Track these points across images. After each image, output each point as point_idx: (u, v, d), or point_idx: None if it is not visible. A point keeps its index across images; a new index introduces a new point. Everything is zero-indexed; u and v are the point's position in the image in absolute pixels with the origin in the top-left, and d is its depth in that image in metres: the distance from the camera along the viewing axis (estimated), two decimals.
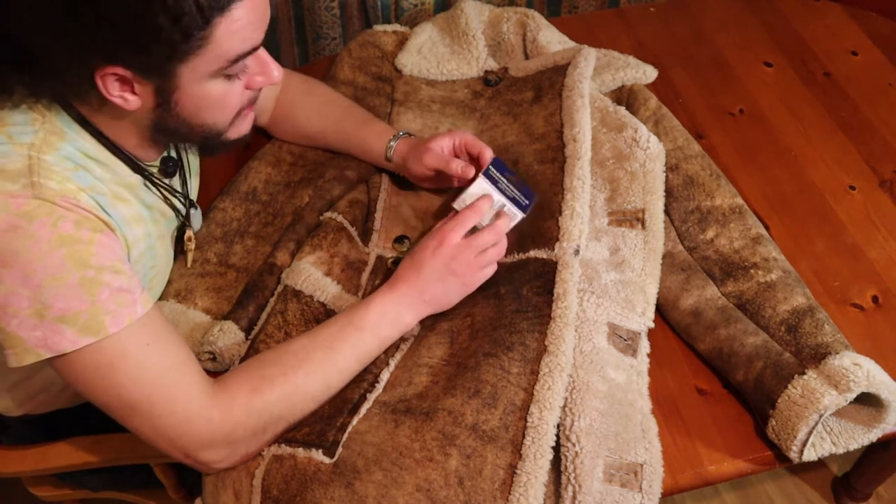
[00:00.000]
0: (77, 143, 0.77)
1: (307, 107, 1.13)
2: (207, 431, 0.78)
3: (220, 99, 0.78)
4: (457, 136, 1.03)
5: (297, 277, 0.95)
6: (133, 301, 0.74)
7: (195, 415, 0.77)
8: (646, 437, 0.85)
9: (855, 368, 0.83)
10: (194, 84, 0.74)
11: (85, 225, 0.72)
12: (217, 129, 0.81)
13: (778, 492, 1.58)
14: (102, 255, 0.73)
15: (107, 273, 0.72)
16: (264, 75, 0.80)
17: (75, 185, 0.74)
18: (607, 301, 0.94)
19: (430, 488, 0.79)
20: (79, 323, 0.70)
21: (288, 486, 0.81)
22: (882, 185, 1.15)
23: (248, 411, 0.79)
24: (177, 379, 0.77)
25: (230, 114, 0.81)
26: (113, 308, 0.72)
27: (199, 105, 0.77)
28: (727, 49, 1.36)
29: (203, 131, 0.81)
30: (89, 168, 0.78)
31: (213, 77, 0.75)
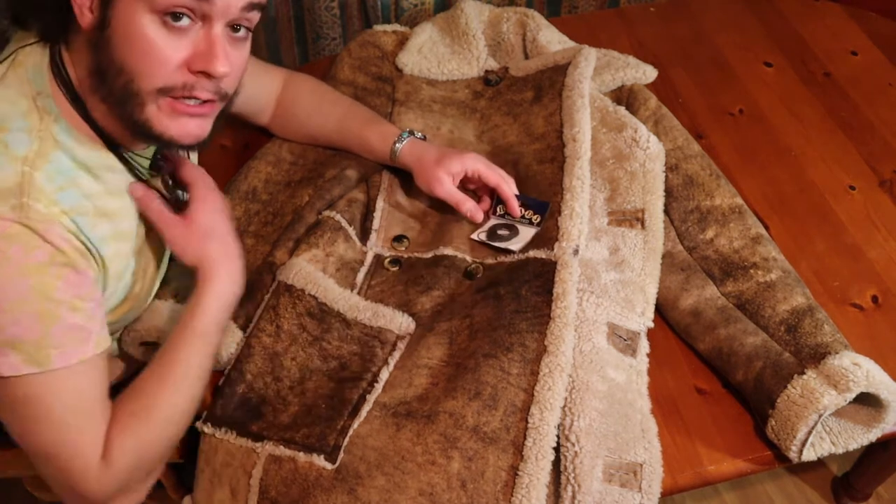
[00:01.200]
0: (71, 152, 0.77)
1: (309, 105, 1.13)
2: (99, 487, 0.78)
3: (148, 45, 0.72)
4: (469, 164, 1.01)
5: (289, 272, 0.95)
6: (86, 339, 0.75)
7: (92, 471, 0.77)
8: (645, 437, 0.85)
9: (854, 368, 0.83)
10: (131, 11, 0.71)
11: (57, 260, 0.73)
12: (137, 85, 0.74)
13: (778, 492, 1.58)
14: (65, 290, 0.73)
15: (64, 309, 0.73)
16: (208, 58, 0.74)
17: (60, 207, 0.74)
18: (607, 301, 0.94)
19: (432, 492, 0.79)
20: (25, 351, 0.71)
21: (288, 491, 0.81)
22: (882, 185, 1.15)
23: (127, 453, 0.78)
24: (92, 429, 0.77)
25: (154, 74, 0.73)
26: (62, 343, 0.73)
27: (127, 37, 0.72)
28: (727, 49, 1.36)
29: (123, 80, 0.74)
30: (79, 182, 0.77)
31: (150, 13, 0.71)
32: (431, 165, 1.02)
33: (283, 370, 0.90)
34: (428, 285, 0.97)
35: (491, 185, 1.02)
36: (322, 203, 1.06)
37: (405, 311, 0.94)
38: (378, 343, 0.92)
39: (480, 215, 1.02)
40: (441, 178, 1.01)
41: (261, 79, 1.11)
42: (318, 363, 0.91)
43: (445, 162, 1.01)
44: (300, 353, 0.91)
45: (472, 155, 1.02)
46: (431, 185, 1.02)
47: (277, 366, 0.90)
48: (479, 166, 1.01)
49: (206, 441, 0.87)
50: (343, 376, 0.90)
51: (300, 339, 0.92)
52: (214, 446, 0.86)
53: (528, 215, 1.01)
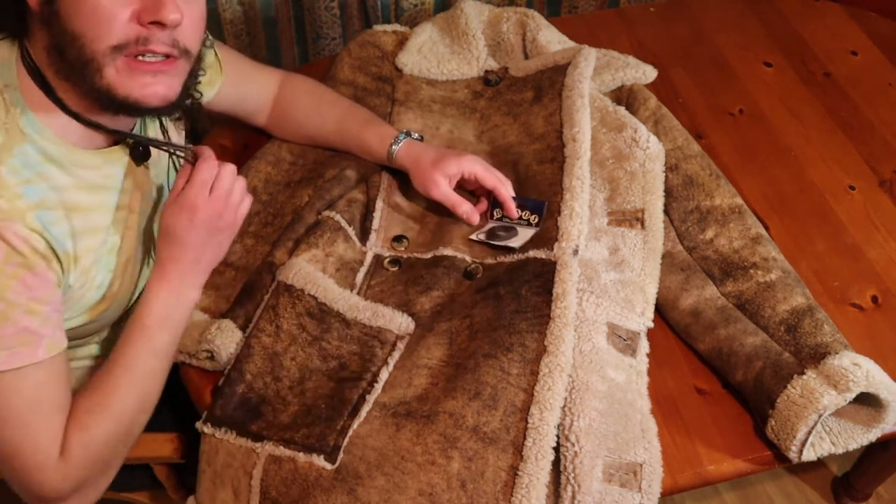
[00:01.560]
0: (38, 145, 0.77)
1: (307, 106, 1.13)
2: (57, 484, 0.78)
3: (96, 4, 0.72)
4: (466, 166, 1.01)
5: (289, 272, 0.95)
6: (37, 343, 0.74)
7: (50, 467, 0.77)
8: (645, 437, 0.85)
9: (854, 368, 0.83)
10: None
11: (13, 260, 0.73)
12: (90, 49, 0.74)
13: (778, 492, 1.58)
14: (20, 292, 0.73)
15: (17, 311, 0.73)
16: (157, 9, 0.73)
17: (25, 202, 0.74)
18: (607, 301, 0.94)
19: (432, 492, 0.79)
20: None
21: (288, 491, 0.81)
22: (882, 185, 1.15)
23: (89, 450, 0.79)
24: (48, 429, 0.77)
25: (105, 34, 0.73)
26: (11, 345, 0.73)
27: (74, 6, 0.72)
28: (727, 49, 1.36)
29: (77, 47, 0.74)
30: (47, 174, 0.77)
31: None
32: (428, 167, 1.02)
33: (283, 370, 0.90)
34: (427, 285, 0.97)
35: (488, 187, 1.02)
36: (322, 203, 1.06)
37: (405, 311, 0.94)
38: (378, 343, 0.92)
39: (476, 218, 1.02)
40: (437, 180, 1.01)
41: (255, 78, 1.11)
42: (318, 363, 0.91)
43: (442, 164, 1.01)
44: (300, 352, 0.91)
45: (469, 157, 1.02)
46: (427, 186, 1.02)
47: (277, 365, 0.90)
48: (475, 168, 1.01)
49: (207, 441, 0.87)
50: (343, 376, 0.90)
51: (300, 339, 0.92)
52: (215, 447, 0.86)
53: (526, 216, 1.01)
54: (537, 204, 1.01)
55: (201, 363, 0.93)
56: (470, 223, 1.02)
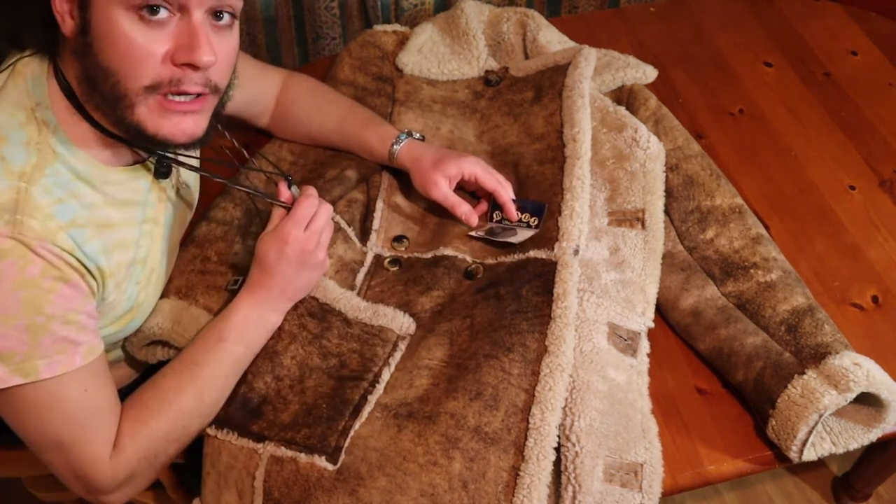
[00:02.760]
0: (69, 164, 0.77)
1: (309, 106, 1.13)
2: (109, 473, 0.80)
3: (130, 44, 0.71)
4: (466, 167, 1.01)
5: None
6: (74, 351, 0.76)
7: (102, 463, 0.80)
8: (646, 437, 0.85)
9: (855, 368, 0.83)
10: (107, 8, 0.71)
11: (50, 274, 0.73)
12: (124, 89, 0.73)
13: (778, 492, 1.58)
14: (58, 304, 0.74)
15: (56, 322, 0.74)
16: (190, 49, 0.72)
17: (57, 222, 0.74)
18: (607, 301, 0.94)
19: (434, 493, 0.79)
20: (13, 363, 0.72)
21: (290, 492, 0.81)
22: (882, 185, 1.15)
23: (141, 444, 0.81)
24: (100, 424, 0.80)
25: (140, 75, 0.73)
26: (49, 354, 0.74)
27: (108, 40, 0.72)
28: (727, 49, 1.36)
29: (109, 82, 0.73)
30: (78, 193, 0.77)
31: (126, 9, 0.70)
32: (428, 168, 1.02)
33: (283, 369, 0.90)
34: (428, 285, 0.97)
35: (488, 189, 1.02)
36: None
37: (405, 311, 0.94)
38: (379, 342, 0.92)
39: (475, 219, 1.02)
40: (437, 181, 1.01)
41: (261, 81, 1.11)
42: (318, 361, 0.91)
43: (442, 164, 1.01)
44: (300, 351, 0.91)
45: (469, 158, 1.02)
46: (427, 187, 1.02)
47: (277, 364, 0.90)
48: (476, 170, 1.01)
49: (210, 443, 0.87)
50: (343, 375, 0.90)
51: (300, 338, 0.92)
52: (218, 448, 0.86)
53: (526, 219, 1.01)
54: (537, 206, 1.01)
55: None
56: (468, 224, 1.02)
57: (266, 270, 0.88)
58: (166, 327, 0.92)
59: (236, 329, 0.87)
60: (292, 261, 0.88)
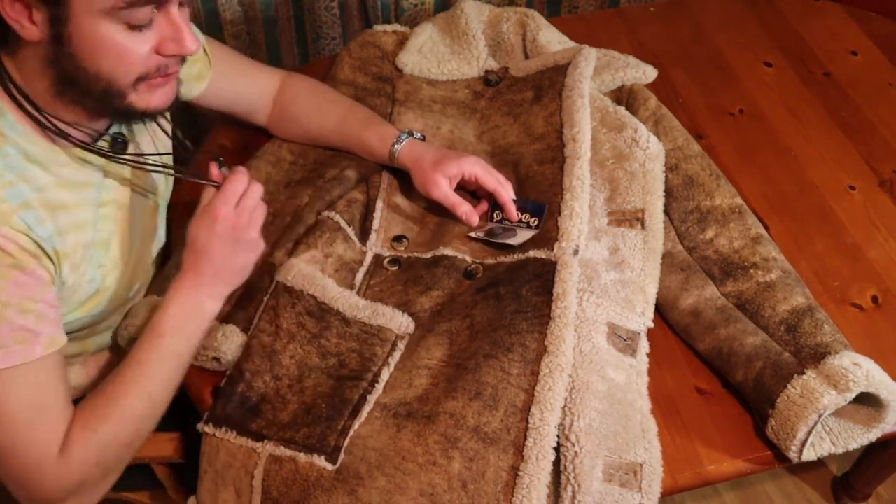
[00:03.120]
0: (19, 146, 0.77)
1: (308, 106, 1.13)
2: (55, 483, 0.78)
3: (118, 50, 0.74)
4: (466, 167, 1.01)
5: (288, 273, 0.95)
6: (33, 341, 0.75)
7: (48, 464, 0.77)
8: (645, 437, 0.85)
9: (854, 368, 0.83)
10: (89, 21, 0.71)
11: (3, 261, 0.73)
12: (116, 86, 0.77)
13: (778, 492, 1.58)
14: (13, 292, 0.73)
15: (11, 310, 0.73)
16: (176, 42, 0.76)
17: (8, 205, 0.74)
18: (607, 301, 0.94)
19: (433, 493, 0.79)
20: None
21: (289, 491, 0.81)
22: (882, 185, 1.15)
23: (91, 451, 0.79)
24: (46, 423, 0.77)
25: (130, 73, 0.76)
26: (7, 344, 0.73)
27: (94, 49, 0.73)
28: (727, 49, 1.36)
29: (102, 84, 0.76)
30: (29, 176, 0.77)
31: (109, 19, 0.72)
32: (429, 167, 1.02)
33: (282, 368, 0.90)
34: (427, 285, 0.97)
35: (489, 189, 1.02)
36: (322, 204, 1.06)
37: (404, 311, 0.94)
38: (378, 341, 0.92)
39: (476, 219, 1.02)
40: (437, 181, 1.01)
41: (254, 77, 1.11)
42: (317, 360, 0.91)
43: (442, 164, 1.01)
44: (298, 350, 0.91)
45: (470, 158, 1.02)
46: (428, 187, 1.02)
47: (276, 364, 0.91)
48: (476, 170, 1.01)
49: (208, 442, 0.87)
50: (342, 374, 0.90)
51: (298, 337, 0.92)
52: (216, 447, 0.86)
53: (526, 219, 1.01)
54: (537, 206, 1.01)
55: (207, 365, 0.93)
56: (469, 224, 1.02)
57: (197, 253, 0.84)
58: None
59: (173, 321, 0.84)
60: (224, 239, 0.84)
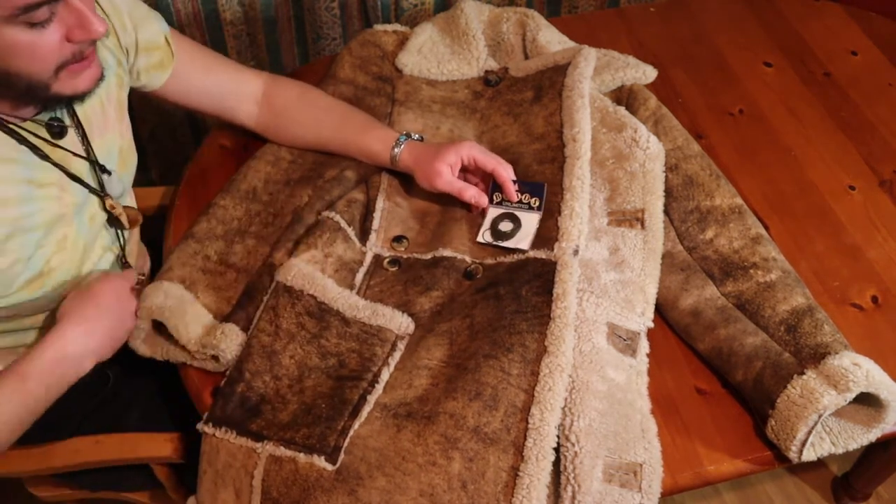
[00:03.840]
0: None
1: (301, 115, 1.12)
2: None
3: (28, 48, 0.74)
4: (464, 151, 1.02)
5: (288, 273, 0.95)
6: None
7: None
8: (645, 437, 0.85)
9: (854, 368, 0.83)
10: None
11: None
12: (37, 80, 0.77)
13: (778, 492, 1.58)
14: None
15: None
16: (82, 28, 0.76)
17: None
18: (607, 301, 0.94)
19: (433, 493, 0.79)
20: None
21: (289, 491, 0.81)
22: (882, 185, 1.15)
23: None
24: None
25: (46, 65, 0.77)
26: None
27: (4, 53, 0.74)
28: (727, 49, 1.36)
29: (21, 81, 0.77)
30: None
31: (9, 23, 0.72)
32: (430, 161, 1.03)
33: (282, 368, 0.90)
34: (427, 286, 0.97)
35: (488, 169, 1.03)
36: (322, 204, 1.06)
37: (404, 311, 0.94)
38: (378, 341, 0.92)
39: (484, 200, 1.03)
40: (440, 171, 1.02)
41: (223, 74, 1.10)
42: (317, 360, 0.91)
43: (442, 154, 1.02)
44: (298, 350, 0.91)
45: (466, 143, 1.03)
46: (432, 179, 1.03)
47: (276, 364, 0.91)
48: (473, 153, 1.02)
49: (208, 442, 0.87)
50: (342, 374, 0.90)
51: (298, 337, 0.92)
52: (216, 447, 0.86)
53: (527, 199, 1.02)
54: (536, 186, 1.02)
55: (205, 364, 0.93)
56: (478, 206, 1.02)
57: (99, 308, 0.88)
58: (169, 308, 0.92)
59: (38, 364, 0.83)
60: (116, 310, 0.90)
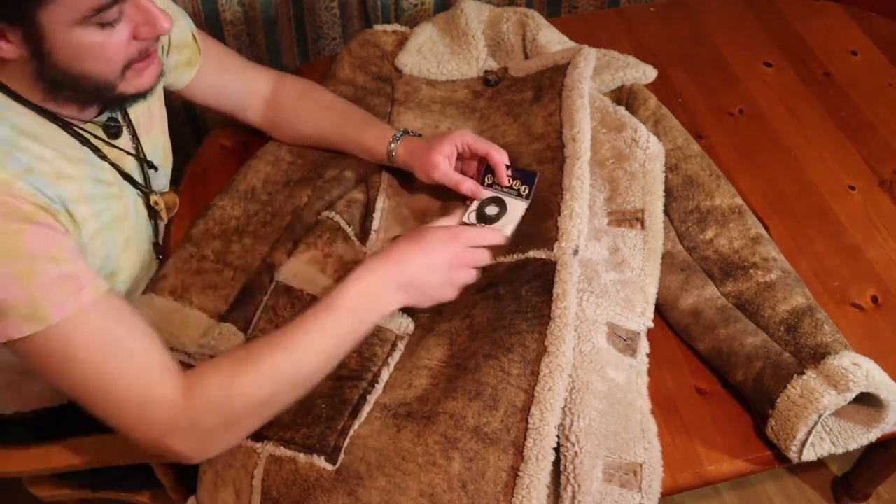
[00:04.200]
0: (11, 121, 0.76)
1: (303, 111, 1.13)
2: (169, 417, 0.75)
3: (98, 49, 0.75)
4: (457, 139, 1.03)
5: (288, 273, 0.95)
6: (79, 288, 0.73)
7: (154, 401, 0.75)
8: (645, 437, 0.85)
9: (854, 368, 0.83)
10: (62, 32, 0.72)
11: (15, 216, 0.71)
12: (105, 80, 0.78)
13: (778, 492, 1.58)
14: (35, 244, 0.71)
15: (41, 262, 0.71)
16: (149, 25, 0.77)
17: (10, 171, 0.73)
18: (607, 301, 0.94)
19: (433, 493, 0.79)
20: (19, 313, 0.70)
21: (289, 492, 0.81)
22: (882, 185, 1.15)
23: (215, 395, 0.76)
24: (134, 365, 0.75)
25: (115, 65, 0.77)
26: (55, 297, 0.71)
27: (75, 55, 0.74)
28: (727, 49, 1.36)
29: (90, 82, 0.78)
30: (25, 147, 0.76)
31: (82, 25, 0.72)
32: (425, 154, 1.03)
33: None
34: None
35: (481, 153, 1.02)
36: (321, 204, 1.06)
37: (404, 311, 0.94)
38: (377, 342, 0.92)
39: (482, 193, 1.02)
40: (436, 162, 1.02)
41: (243, 74, 1.11)
42: None
43: (436, 146, 1.03)
44: None
45: (458, 131, 1.04)
46: (429, 171, 1.03)
47: None
48: (466, 139, 1.03)
49: None
50: (342, 374, 0.90)
51: None
52: None
53: (517, 186, 1.02)
54: (528, 174, 1.02)
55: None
56: (475, 198, 1.02)
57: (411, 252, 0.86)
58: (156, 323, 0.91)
59: (351, 299, 0.82)
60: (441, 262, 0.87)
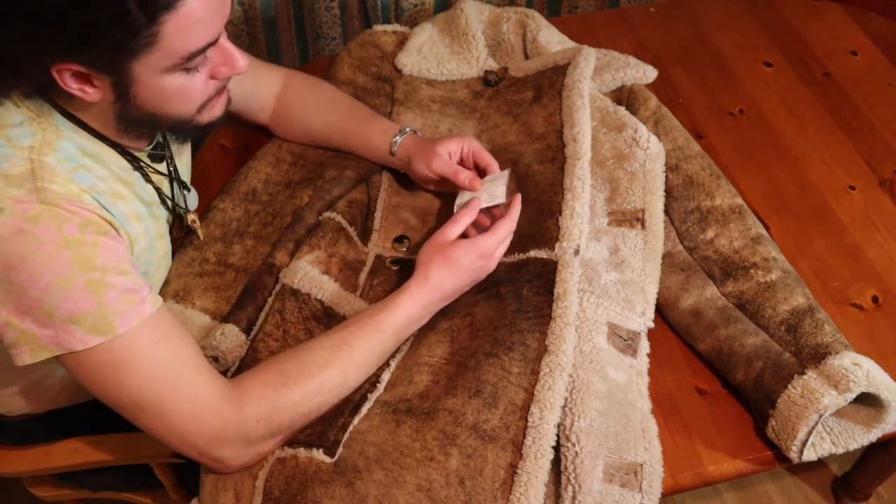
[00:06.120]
0: (74, 140, 0.78)
1: (309, 105, 1.13)
2: (219, 427, 0.78)
3: (181, 92, 0.77)
4: (465, 144, 1.03)
5: (294, 276, 0.95)
6: (141, 300, 0.76)
7: (205, 411, 0.78)
8: (646, 437, 0.85)
9: (855, 368, 0.83)
10: (151, 79, 0.74)
11: (89, 228, 0.74)
12: (184, 118, 0.81)
13: (778, 492, 1.58)
14: (107, 256, 0.74)
15: (112, 274, 0.74)
16: (228, 65, 0.80)
17: (77, 186, 0.75)
18: (607, 301, 0.94)
19: (430, 488, 0.79)
20: (87, 323, 0.72)
21: (289, 486, 0.81)
22: (882, 185, 1.15)
23: (264, 407, 0.80)
24: (185, 376, 0.78)
25: (195, 105, 0.80)
26: (121, 308, 0.73)
27: (160, 98, 0.76)
28: (727, 49, 1.36)
29: (170, 121, 0.80)
30: (88, 166, 0.79)
31: (170, 72, 0.74)
32: (429, 145, 1.04)
33: None
34: None
35: (482, 164, 1.03)
36: (322, 204, 1.06)
37: None
38: None
39: (478, 184, 1.01)
40: (438, 152, 1.02)
41: (260, 77, 1.12)
42: None
43: (441, 140, 1.03)
44: None
45: (467, 136, 1.05)
46: (430, 160, 1.02)
47: None
48: (473, 146, 1.03)
49: None
50: None
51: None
52: None
53: None
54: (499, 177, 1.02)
55: None
56: (471, 189, 1.01)
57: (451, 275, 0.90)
58: None
59: (398, 324, 0.88)
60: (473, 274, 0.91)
